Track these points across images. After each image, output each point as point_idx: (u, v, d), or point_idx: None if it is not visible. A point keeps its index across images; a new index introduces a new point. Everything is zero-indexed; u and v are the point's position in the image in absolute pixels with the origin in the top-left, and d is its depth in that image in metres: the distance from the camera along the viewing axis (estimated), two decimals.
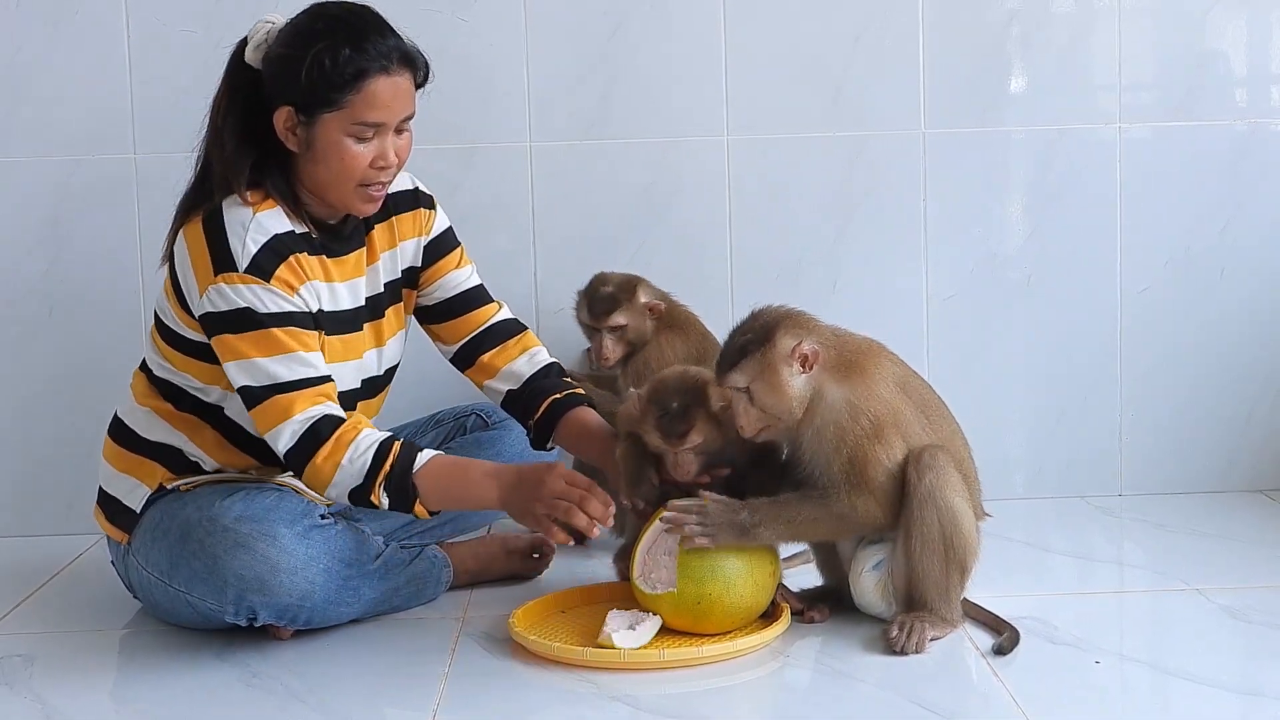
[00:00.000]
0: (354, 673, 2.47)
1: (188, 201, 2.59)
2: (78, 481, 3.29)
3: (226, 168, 2.53)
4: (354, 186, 2.54)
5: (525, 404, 2.77)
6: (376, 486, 2.49)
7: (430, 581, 2.77)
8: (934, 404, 2.58)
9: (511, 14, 3.31)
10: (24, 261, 3.33)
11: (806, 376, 2.46)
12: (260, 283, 2.48)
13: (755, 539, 2.47)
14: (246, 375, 2.49)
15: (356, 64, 2.48)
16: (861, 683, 2.34)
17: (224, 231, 2.49)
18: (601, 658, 2.42)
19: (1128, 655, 2.45)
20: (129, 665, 2.57)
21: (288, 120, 2.52)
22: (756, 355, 2.45)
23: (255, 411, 2.50)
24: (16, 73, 3.29)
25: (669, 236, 3.36)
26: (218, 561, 2.50)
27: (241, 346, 2.48)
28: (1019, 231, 3.39)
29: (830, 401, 2.46)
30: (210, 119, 2.58)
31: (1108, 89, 3.36)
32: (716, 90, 3.34)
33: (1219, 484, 3.41)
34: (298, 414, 2.48)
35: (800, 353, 2.44)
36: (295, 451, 2.49)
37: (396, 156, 2.55)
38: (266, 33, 2.55)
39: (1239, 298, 3.38)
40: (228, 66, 2.59)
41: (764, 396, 2.46)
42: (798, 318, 2.49)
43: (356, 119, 2.50)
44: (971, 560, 2.50)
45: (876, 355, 2.53)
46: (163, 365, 2.63)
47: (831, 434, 2.45)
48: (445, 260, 2.78)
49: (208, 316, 2.50)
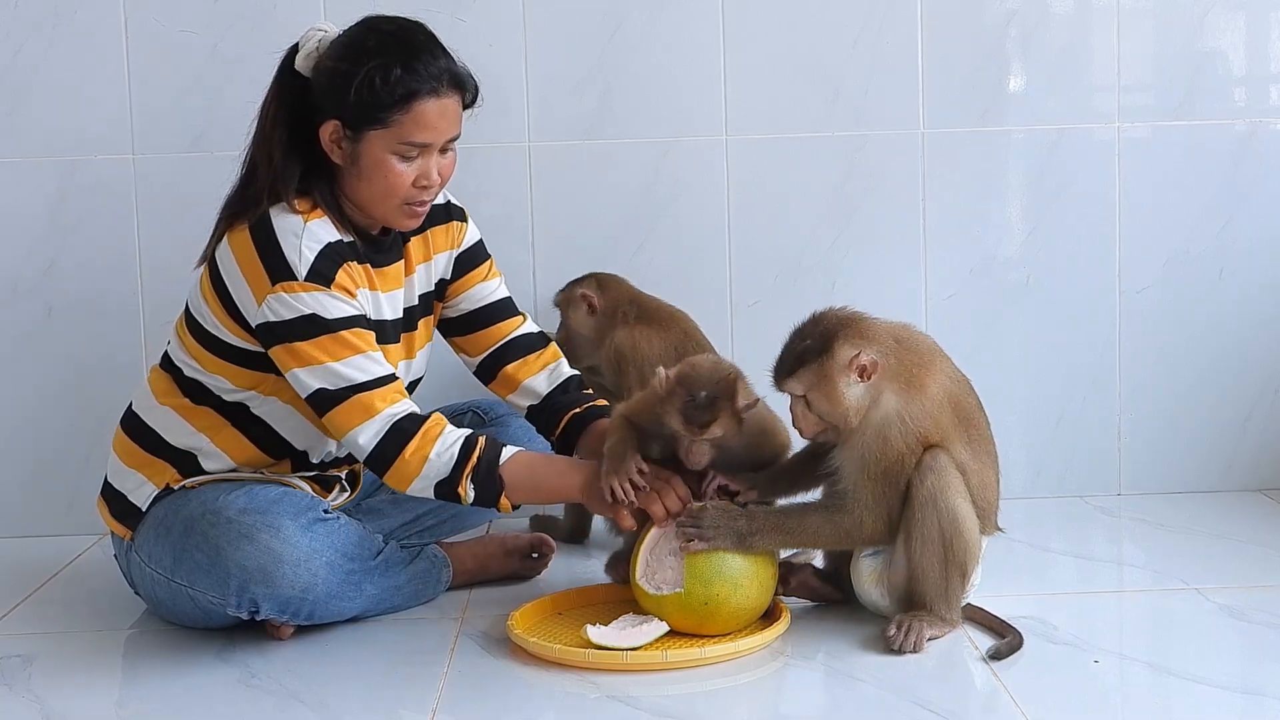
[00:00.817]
0: (353, 673, 2.47)
1: (232, 206, 2.58)
2: (77, 482, 3.29)
3: (275, 176, 2.53)
4: (397, 204, 2.55)
5: (546, 419, 2.78)
6: (464, 479, 2.50)
7: (430, 580, 2.77)
8: (978, 423, 2.56)
9: (510, 15, 3.32)
10: (23, 262, 3.33)
11: (865, 386, 2.44)
12: (323, 289, 2.48)
13: (752, 547, 2.47)
14: (319, 380, 2.49)
15: (407, 85, 2.48)
16: (860, 682, 2.34)
17: (276, 240, 2.49)
18: (604, 659, 2.41)
19: (1127, 655, 2.45)
20: (128, 665, 2.57)
21: (334, 134, 2.52)
22: (814, 364, 2.43)
23: (332, 414, 2.50)
24: (15, 74, 3.29)
25: (668, 237, 3.36)
26: (221, 553, 2.50)
27: (312, 352, 2.48)
28: (1018, 231, 3.39)
29: (884, 412, 2.44)
30: (259, 124, 2.58)
31: (1107, 89, 3.36)
32: (715, 91, 3.34)
33: (1218, 484, 3.41)
34: (380, 412, 2.49)
35: (859, 364, 2.42)
36: (380, 449, 2.50)
37: (440, 175, 2.56)
38: (318, 41, 2.55)
39: (1238, 298, 3.39)
40: (277, 72, 2.59)
41: (821, 404, 2.44)
42: (858, 325, 2.46)
43: (403, 139, 2.50)
44: (972, 563, 2.50)
45: (935, 368, 2.50)
46: (192, 365, 2.63)
47: (878, 442, 2.44)
48: (475, 272, 2.79)
49: (268, 326, 2.49)
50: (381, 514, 2.83)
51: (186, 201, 3.27)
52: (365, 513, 2.81)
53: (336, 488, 2.79)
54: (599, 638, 2.44)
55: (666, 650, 2.43)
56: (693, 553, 2.46)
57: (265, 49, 2.63)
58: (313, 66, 2.54)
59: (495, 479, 2.52)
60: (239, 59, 3.26)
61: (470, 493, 2.52)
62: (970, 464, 2.51)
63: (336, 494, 2.78)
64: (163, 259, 3.30)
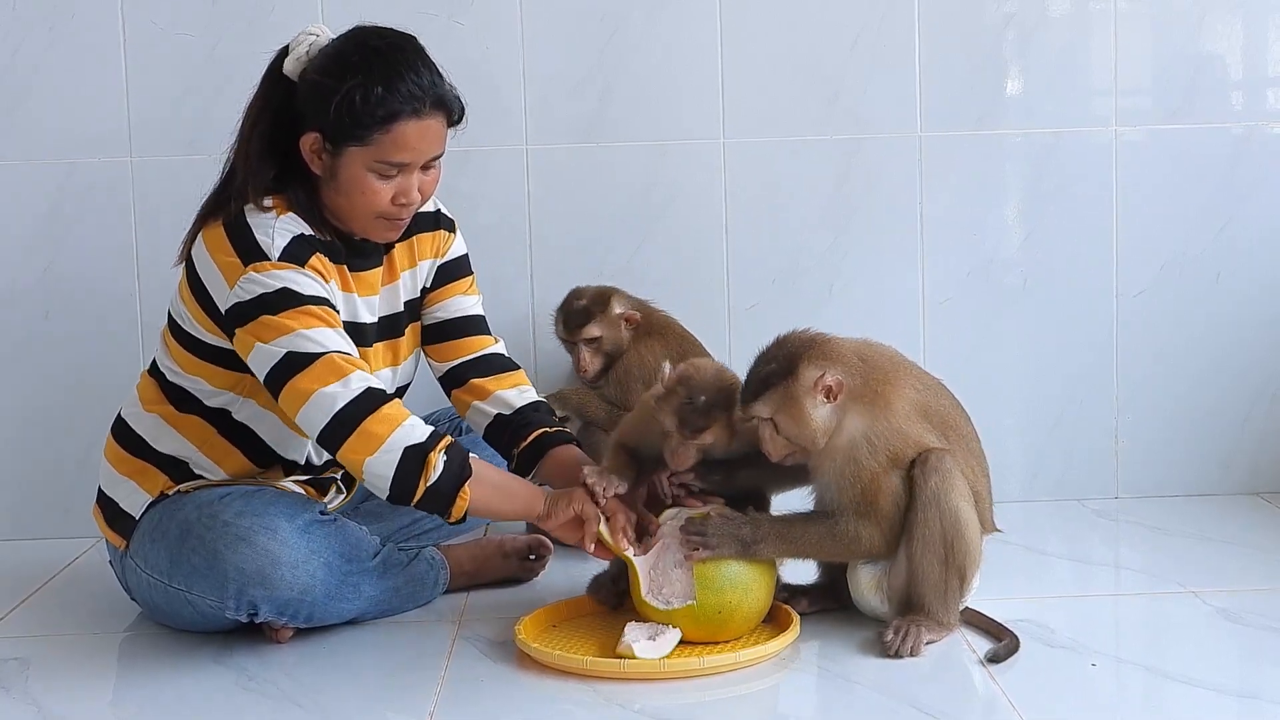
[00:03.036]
0: (350, 676, 2.47)
1: (210, 205, 2.57)
2: (74, 485, 3.29)
3: (252, 176, 2.52)
4: (373, 218, 2.54)
5: (514, 431, 2.74)
6: (437, 450, 2.43)
7: (428, 583, 2.77)
8: (956, 424, 2.56)
9: (508, 18, 3.31)
10: (20, 264, 3.33)
11: (831, 407, 2.44)
12: (295, 268, 2.47)
13: (755, 555, 2.47)
14: (287, 345, 2.42)
15: (388, 106, 2.46)
16: (858, 685, 2.34)
17: (249, 229, 2.48)
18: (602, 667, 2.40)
19: (1124, 658, 2.45)
20: (125, 668, 2.57)
21: (314, 145, 2.51)
22: (780, 387, 2.43)
23: (299, 377, 2.42)
24: (13, 76, 3.29)
25: (666, 240, 3.35)
26: (218, 556, 2.49)
27: (283, 322, 2.43)
28: (1015, 235, 3.39)
29: (850, 434, 2.45)
30: (241, 125, 2.57)
31: (1104, 92, 3.36)
32: (713, 94, 3.34)
33: (1215, 487, 3.42)
34: (353, 372, 2.43)
35: (824, 385, 2.42)
36: (352, 407, 2.41)
37: (420, 193, 2.54)
38: (308, 47, 2.53)
39: (1235, 301, 3.39)
40: (265, 75, 2.58)
41: (788, 427, 2.45)
42: (822, 346, 2.46)
43: (381, 157, 2.49)
44: (972, 567, 2.49)
45: (900, 382, 2.50)
46: (173, 369, 2.62)
47: (849, 466, 2.45)
48: (454, 285, 2.78)
49: (238, 307, 2.46)
50: (379, 517, 2.83)
51: (184, 204, 3.22)
52: (362, 516, 2.81)
53: (332, 489, 2.79)
54: (643, 652, 2.40)
55: (665, 661, 2.42)
56: (698, 561, 2.46)
57: (263, 51, 2.63)
58: (299, 73, 2.53)
59: (466, 464, 2.46)
60: (237, 61, 3.25)
61: (439, 465, 2.43)
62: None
63: (332, 496, 2.78)
64: (160, 261, 3.28)
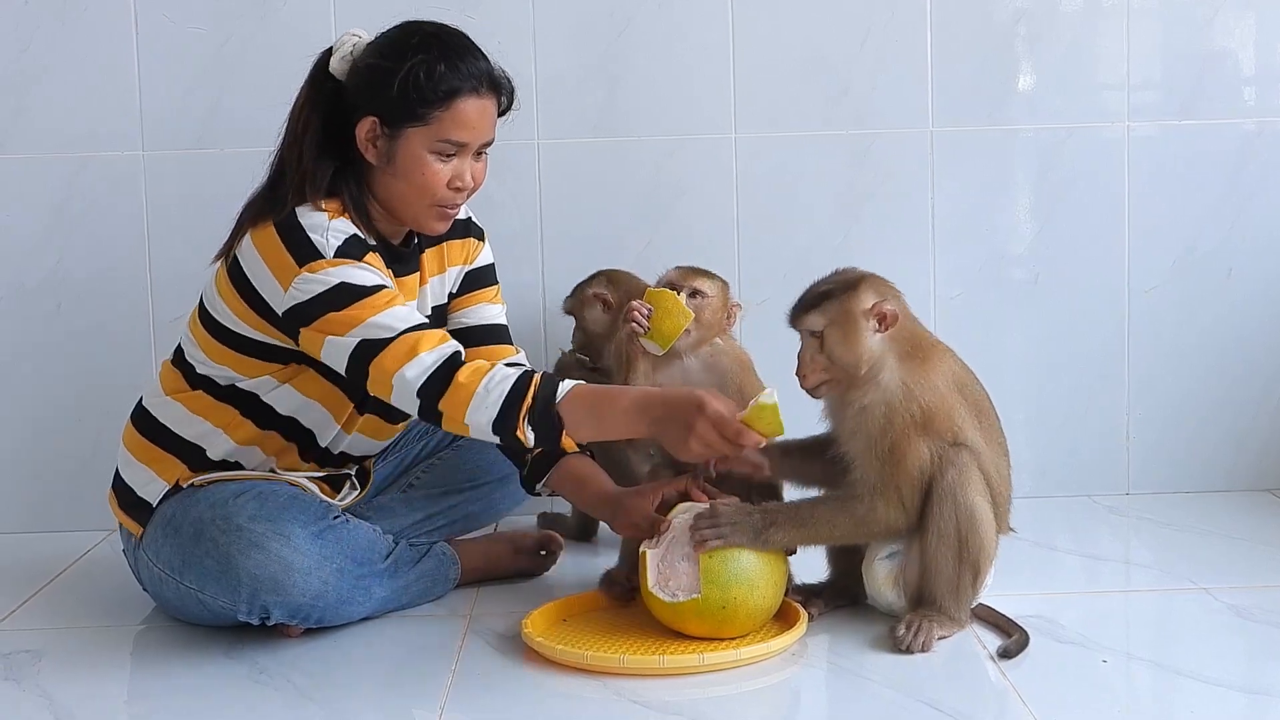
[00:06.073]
0: (362, 670, 2.48)
1: (258, 205, 2.56)
2: (86, 477, 3.29)
3: (305, 177, 2.52)
4: (429, 204, 2.55)
5: None
6: (521, 421, 2.40)
7: (439, 578, 2.78)
8: (987, 412, 2.56)
9: (519, 12, 3.32)
10: (32, 257, 3.34)
11: (880, 338, 2.46)
12: (352, 263, 2.47)
13: (767, 542, 2.46)
14: (361, 334, 2.42)
15: (450, 82, 2.49)
16: (869, 681, 2.34)
17: (302, 230, 2.47)
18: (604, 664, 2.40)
19: (1134, 654, 2.45)
20: (136, 661, 2.57)
21: (370, 131, 2.52)
22: (838, 300, 2.46)
23: (379, 359, 2.41)
24: (25, 70, 3.30)
25: (676, 234, 3.35)
26: (231, 561, 2.50)
27: (350, 315, 2.43)
28: (1026, 230, 3.39)
29: (887, 379, 2.45)
30: (289, 126, 2.57)
31: (1115, 88, 3.36)
32: (724, 88, 3.34)
33: (1226, 483, 3.41)
34: (426, 349, 2.41)
35: (880, 310, 2.45)
36: (433, 379, 2.40)
37: (473, 179, 2.56)
38: (353, 45, 2.55)
39: (1246, 296, 3.38)
40: (310, 75, 2.59)
41: (835, 344, 2.45)
42: (885, 283, 2.52)
43: (442, 136, 2.50)
44: (986, 563, 2.49)
45: (943, 352, 2.53)
46: (201, 359, 2.62)
47: (881, 414, 2.43)
48: (480, 293, 2.79)
49: (296, 309, 2.46)
50: (392, 513, 2.83)
51: (195, 197, 3.28)
52: (375, 511, 2.81)
53: (346, 485, 2.79)
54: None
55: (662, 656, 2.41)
56: (708, 552, 2.46)
57: (274, 46, 2.64)
58: (348, 68, 2.54)
59: (552, 417, 2.41)
60: (248, 55, 3.26)
61: (530, 435, 2.42)
62: (984, 449, 2.51)
63: (346, 492, 2.78)
64: (172, 255, 3.31)
